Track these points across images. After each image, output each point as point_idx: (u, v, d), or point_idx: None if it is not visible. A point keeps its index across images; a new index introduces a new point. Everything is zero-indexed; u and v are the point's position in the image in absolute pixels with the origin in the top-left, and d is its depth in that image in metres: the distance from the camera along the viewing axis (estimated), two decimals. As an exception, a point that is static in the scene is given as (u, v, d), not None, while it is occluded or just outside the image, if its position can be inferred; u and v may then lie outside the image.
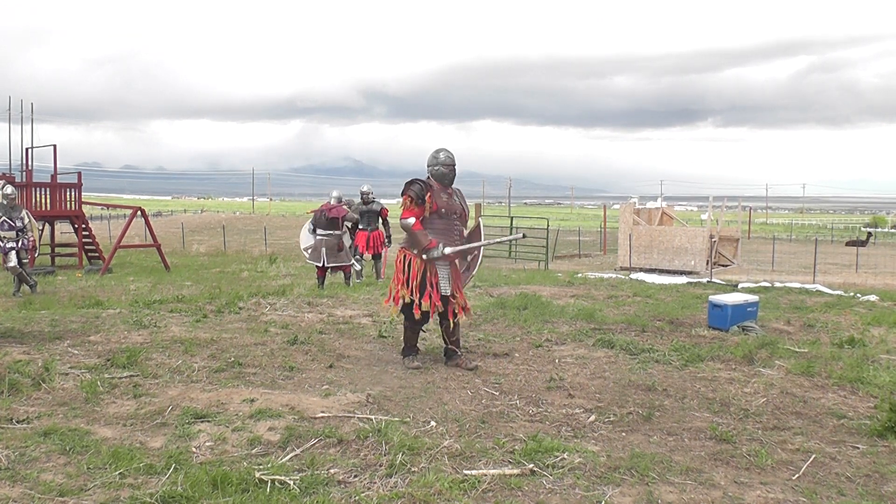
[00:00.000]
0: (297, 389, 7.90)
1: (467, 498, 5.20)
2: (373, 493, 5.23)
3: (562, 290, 17.05)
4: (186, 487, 5.13)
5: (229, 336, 10.42)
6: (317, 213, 18.00)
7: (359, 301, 14.31)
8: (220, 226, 52.12)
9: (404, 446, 6.06)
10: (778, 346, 10.60)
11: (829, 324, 13.06)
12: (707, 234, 28.77)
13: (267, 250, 36.19)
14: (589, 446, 6.32)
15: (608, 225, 47.13)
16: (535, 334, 11.22)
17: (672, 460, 6.06)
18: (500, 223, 39.63)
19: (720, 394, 8.23)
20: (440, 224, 9.16)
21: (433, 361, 9.45)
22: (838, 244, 57.49)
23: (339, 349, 9.94)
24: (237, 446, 6.10)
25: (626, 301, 15.50)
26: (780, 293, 18.04)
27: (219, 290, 16.37)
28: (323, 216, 17.73)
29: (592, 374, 9.01)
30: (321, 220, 17.73)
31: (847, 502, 5.37)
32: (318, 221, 17.78)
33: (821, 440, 6.80)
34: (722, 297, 12.75)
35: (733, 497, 5.39)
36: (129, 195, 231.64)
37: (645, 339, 11.12)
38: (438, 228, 9.13)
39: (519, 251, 32.81)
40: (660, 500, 5.30)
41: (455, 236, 9.21)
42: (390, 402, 7.54)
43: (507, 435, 6.54)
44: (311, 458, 5.81)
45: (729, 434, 6.77)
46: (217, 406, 7.10)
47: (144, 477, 5.39)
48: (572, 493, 5.35)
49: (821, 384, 8.84)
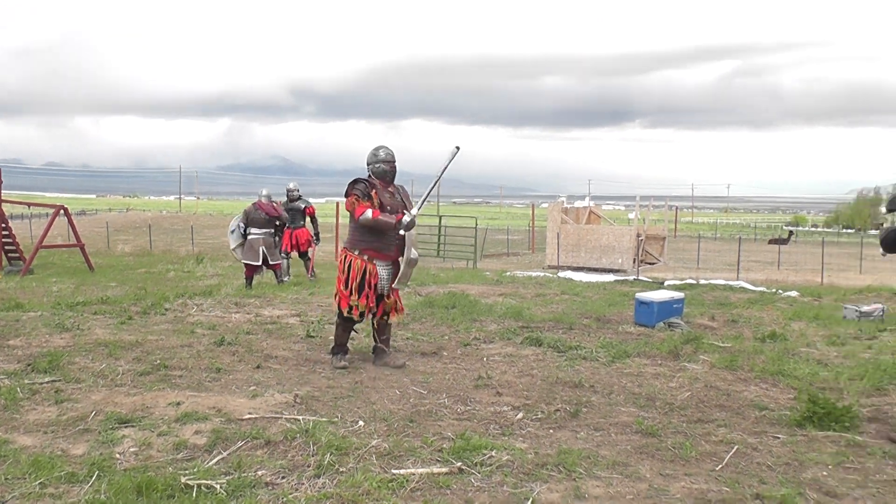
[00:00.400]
0: (224, 391, 7.81)
1: (396, 497, 5.19)
2: (301, 495, 5.19)
3: (490, 288, 17.12)
4: (110, 495, 5.03)
5: (155, 338, 10.29)
6: (249, 212, 17.83)
7: (286, 301, 14.25)
8: (146, 225, 51.43)
9: (332, 446, 6.03)
10: (702, 342, 10.75)
11: (751, 319, 13.29)
12: (634, 232, 29.03)
13: (194, 250, 35.84)
14: (517, 443, 6.35)
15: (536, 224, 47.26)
16: (464, 333, 11.25)
17: (599, 455, 6.11)
18: (428, 222, 39.61)
19: (646, 389, 8.33)
20: None
21: (361, 361, 9.42)
22: (761, 242, 58.24)
23: (267, 349, 9.87)
24: (162, 451, 6.00)
25: (554, 299, 15.60)
26: (705, 290, 18.32)
27: (144, 290, 16.16)
28: (260, 214, 17.60)
29: (520, 371, 9.05)
30: (258, 219, 17.60)
31: (768, 490, 5.46)
32: (254, 220, 17.65)
33: (743, 431, 6.91)
34: (648, 295, 12.90)
35: (658, 489, 5.46)
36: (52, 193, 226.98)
37: (572, 336, 11.20)
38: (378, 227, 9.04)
39: (447, 250, 32.84)
40: (587, 494, 5.34)
41: (394, 235, 9.12)
42: (318, 402, 7.50)
43: (436, 434, 6.55)
44: (237, 461, 5.74)
45: (654, 428, 6.85)
46: (142, 410, 6.98)
47: (66, 486, 5.26)
48: (500, 490, 5.37)
49: (743, 377, 8.99)
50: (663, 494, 5.37)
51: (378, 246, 9.09)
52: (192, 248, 37.92)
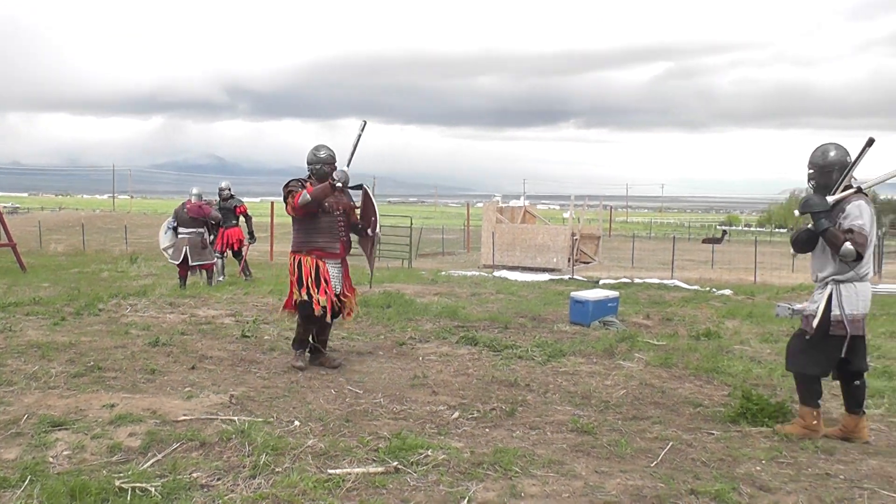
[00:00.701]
0: (159, 392, 7.72)
1: (332, 497, 5.17)
2: (236, 496, 5.15)
3: (425, 288, 17.11)
4: (43, 500, 4.95)
5: (89, 339, 10.15)
6: (178, 211, 17.64)
7: (221, 301, 14.13)
8: (79, 224, 50.63)
9: (268, 447, 5.99)
10: (637, 340, 10.85)
11: (686, 317, 13.42)
12: (569, 232, 29.17)
13: (128, 249, 35.39)
14: (453, 443, 6.35)
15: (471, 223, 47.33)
16: (399, 332, 11.24)
17: (534, 454, 6.12)
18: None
19: (581, 387, 8.37)
20: (325, 221, 8.97)
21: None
22: (695, 241, 58.79)
23: (202, 350, 9.78)
24: (96, 454, 5.92)
25: (490, 298, 15.64)
26: (640, 289, 18.47)
27: (78, 291, 15.91)
28: (186, 214, 17.42)
29: (456, 371, 9.06)
30: (185, 219, 17.42)
31: (702, 485, 5.51)
32: (182, 220, 17.46)
33: (678, 428, 6.98)
34: (583, 294, 12.97)
35: (594, 486, 5.48)
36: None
37: (508, 335, 11.23)
38: (323, 226, 8.95)
39: (382, 249, 32.76)
40: (523, 493, 5.35)
41: (341, 233, 9.05)
42: (254, 402, 7.45)
43: (372, 433, 6.53)
44: (172, 463, 5.68)
45: (590, 426, 6.89)
46: (76, 413, 6.88)
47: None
48: (436, 489, 5.37)
49: (678, 375, 9.07)
50: (599, 492, 5.40)
51: (323, 245, 8.96)
52: (125, 247, 37.45)
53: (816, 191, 6.79)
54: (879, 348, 10.62)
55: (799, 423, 6.83)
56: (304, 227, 8.96)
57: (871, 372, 9.03)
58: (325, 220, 9.00)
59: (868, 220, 6.45)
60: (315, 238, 8.96)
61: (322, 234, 8.96)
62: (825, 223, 6.53)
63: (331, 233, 8.99)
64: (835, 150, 6.78)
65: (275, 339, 10.56)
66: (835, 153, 6.75)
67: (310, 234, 8.97)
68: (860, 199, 6.54)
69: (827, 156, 6.77)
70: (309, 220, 8.95)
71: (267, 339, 10.48)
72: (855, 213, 6.46)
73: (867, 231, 6.42)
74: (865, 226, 6.42)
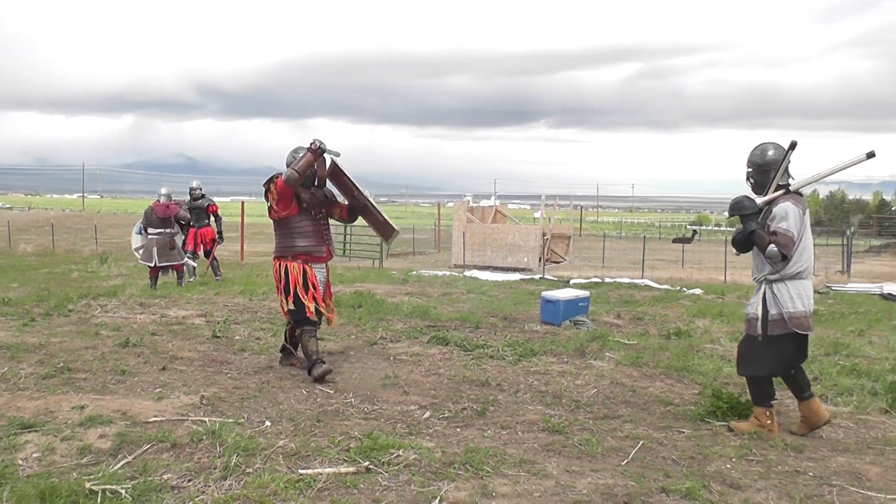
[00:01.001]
0: (129, 394, 7.67)
1: (303, 497, 5.16)
2: (207, 497, 5.13)
3: (396, 287, 17.11)
4: (12, 503, 4.93)
5: (58, 340, 10.07)
6: (148, 212, 17.56)
7: (192, 301, 14.07)
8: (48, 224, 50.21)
9: (239, 447, 5.96)
10: (608, 339, 10.89)
11: (656, 316, 13.48)
12: (540, 231, 29.20)
13: (98, 249, 35.16)
14: (424, 442, 6.35)
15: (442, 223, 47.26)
16: (370, 332, 11.23)
17: (506, 453, 6.14)
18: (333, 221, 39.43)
19: (552, 387, 8.40)
20: (307, 223, 8.79)
21: (268, 361, 9.33)
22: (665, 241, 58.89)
23: (173, 351, 9.73)
24: (66, 456, 5.87)
25: (461, 298, 15.64)
26: (611, 288, 18.51)
27: (47, 291, 15.81)
28: (154, 215, 17.34)
29: (427, 371, 9.06)
30: (153, 219, 17.34)
31: (673, 484, 5.54)
32: (151, 221, 17.38)
33: (649, 426, 7.02)
34: (554, 293, 12.99)
35: (565, 485, 5.50)
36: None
37: (479, 335, 11.23)
38: (306, 228, 8.77)
39: (353, 249, 32.70)
40: (494, 492, 5.35)
41: (323, 234, 8.91)
42: (224, 403, 7.42)
43: (343, 433, 6.52)
44: (143, 465, 5.64)
45: (561, 425, 6.91)
46: (45, 414, 6.82)
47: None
48: (408, 489, 5.37)
49: (649, 374, 9.12)
50: (570, 491, 5.42)
51: (308, 248, 8.76)
52: (95, 247, 37.17)
53: (755, 189, 6.98)
54: (848, 346, 10.71)
55: (754, 423, 6.91)
56: (288, 230, 8.77)
57: (841, 370, 9.14)
58: (307, 222, 8.79)
59: (794, 222, 6.59)
60: (298, 242, 8.74)
61: (306, 238, 8.76)
62: (752, 225, 6.75)
63: (315, 235, 8.82)
64: (773, 149, 6.93)
65: (245, 339, 10.54)
66: (773, 152, 6.91)
67: (293, 238, 8.75)
68: (788, 201, 6.69)
69: (765, 155, 6.93)
70: (291, 224, 8.74)
71: (238, 340, 10.44)
72: (781, 214, 6.63)
73: (792, 233, 6.57)
74: (791, 228, 6.57)
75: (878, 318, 14.15)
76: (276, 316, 12.27)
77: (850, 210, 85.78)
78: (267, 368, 8.97)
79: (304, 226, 8.77)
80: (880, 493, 5.63)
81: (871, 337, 11.90)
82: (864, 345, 11.04)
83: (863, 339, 11.67)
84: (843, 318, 13.98)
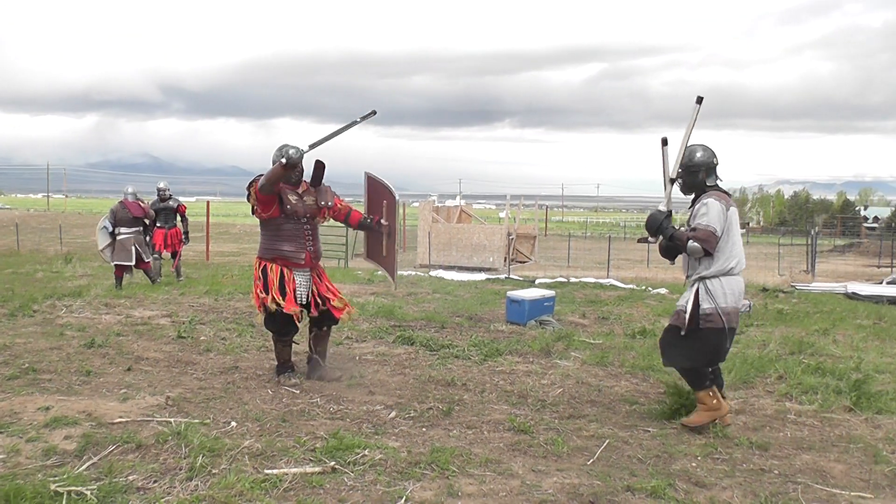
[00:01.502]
0: (95, 395, 7.61)
1: (269, 497, 5.15)
2: (173, 498, 5.11)
3: (362, 287, 17.08)
4: (-24, 504, 4.89)
5: (23, 341, 9.97)
6: (117, 211, 17.39)
7: (157, 301, 13.98)
8: (12, 224, 49.72)
9: (205, 448, 5.93)
10: (574, 339, 10.93)
11: (622, 316, 13.56)
12: (505, 231, 29.23)
13: (62, 250, 34.88)
14: (390, 442, 6.35)
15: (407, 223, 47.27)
16: (335, 332, 11.18)
17: (471, 453, 6.14)
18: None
19: (518, 386, 8.41)
20: (289, 228, 8.46)
21: (234, 362, 9.29)
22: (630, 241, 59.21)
23: (138, 351, 9.66)
24: (31, 458, 5.81)
25: (426, 298, 15.64)
26: (576, 288, 18.57)
27: (12, 292, 15.64)
28: (128, 213, 17.20)
29: (393, 370, 9.06)
30: (126, 218, 17.19)
31: (638, 482, 5.57)
32: (123, 219, 17.22)
33: (614, 426, 7.05)
34: (519, 293, 13.02)
35: (531, 485, 5.51)
36: None
37: (444, 335, 11.24)
38: (287, 233, 8.46)
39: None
40: (460, 492, 5.36)
41: (307, 242, 8.57)
42: (190, 403, 7.38)
43: (308, 433, 6.51)
44: (108, 466, 5.59)
45: (527, 425, 6.93)
46: (10, 416, 6.74)
47: (-71, 496, 5.08)
48: (374, 489, 5.36)
49: (614, 373, 9.17)
50: (536, 490, 5.43)
51: (287, 253, 8.46)
52: (60, 247, 36.84)
53: (684, 190, 7.15)
54: (813, 345, 10.80)
55: (702, 409, 6.96)
56: (270, 233, 8.54)
57: (805, 369, 9.21)
58: (289, 226, 8.49)
59: (715, 217, 6.73)
60: (279, 245, 8.48)
61: (286, 242, 8.48)
62: (669, 230, 6.93)
63: (296, 241, 8.49)
64: (701, 151, 7.09)
65: (211, 339, 10.48)
66: (701, 154, 7.07)
67: (274, 241, 8.50)
68: (710, 198, 6.85)
69: (693, 156, 7.07)
70: (274, 226, 8.49)
71: (203, 340, 10.39)
72: (702, 211, 6.80)
73: (713, 227, 6.70)
74: (711, 223, 6.70)
75: (842, 317, 14.30)
76: (242, 316, 12.24)
77: (814, 210, 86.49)
78: (232, 369, 8.93)
79: (286, 229, 8.49)
80: (844, 490, 5.68)
81: (836, 336, 12.02)
82: (828, 343, 11.14)
83: (827, 337, 11.78)
84: (808, 317, 14.09)
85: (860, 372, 9.14)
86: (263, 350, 9.72)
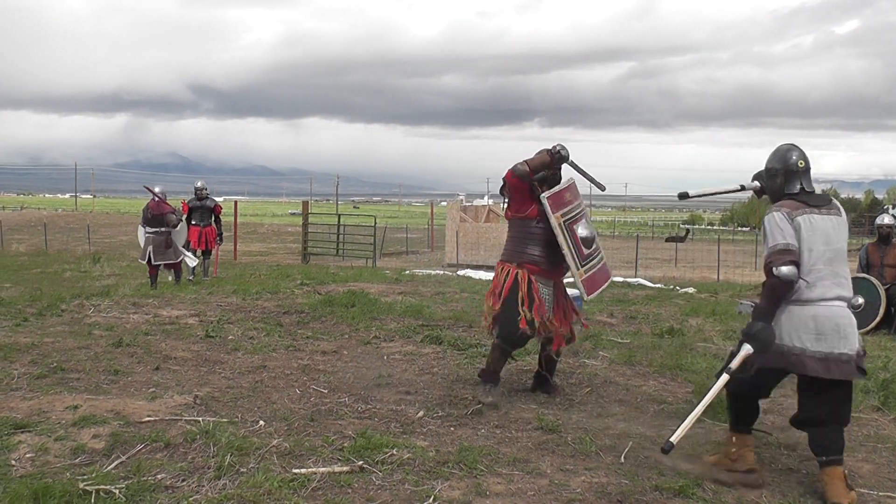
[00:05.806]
0: (123, 394, 7.64)
1: (297, 497, 5.16)
2: (201, 497, 5.13)
3: (389, 287, 17.07)
4: (5, 503, 4.93)
5: (51, 340, 10.01)
6: (144, 211, 17.54)
7: (185, 301, 14.01)
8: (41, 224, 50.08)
9: (233, 447, 5.96)
10: (602, 338, 10.88)
11: (650, 315, 13.49)
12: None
13: (91, 249, 35.11)
14: (418, 442, 6.36)
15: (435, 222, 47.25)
16: (364, 331, 11.20)
17: (499, 452, 6.14)
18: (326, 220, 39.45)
19: (546, 385, 8.38)
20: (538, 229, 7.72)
21: (262, 360, 9.31)
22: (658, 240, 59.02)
23: (166, 350, 9.68)
24: (60, 456, 5.85)
25: (454, 297, 15.61)
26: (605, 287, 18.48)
27: (40, 291, 15.76)
28: (149, 213, 17.32)
29: (421, 370, 9.06)
30: (148, 217, 17.32)
31: (666, 482, 5.55)
32: (146, 219, 17.37)
33: (642, 425, 7.02)
34: (547, 292, 12.98)
35: (559, 484, 5.51)
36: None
37: (472, 334, 11.21)
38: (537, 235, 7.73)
39: (346, 249, 32.67)
40: (488, 491, 5.36)
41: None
42: (218, 402, 7.40)
43: (337, 432, 6.51)
44: (137, 465, 5.62)
45: (555, 424, 6.91)
46: (38, 415, 6.78)
47: (-41, 494, 5.12)
48: (402, 488, 5.37)
49: (642, 372, 9.13)
50: (564, 489, 5.43)
51: (537, 259, 7.73)
52: (88, 247, 37.11)
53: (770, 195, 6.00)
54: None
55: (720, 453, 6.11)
56: (520, 234, 7.84)
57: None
58: (539, 228, 7.73)
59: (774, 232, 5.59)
60: (531, 249, 7.74)
61: (541, 247, 7.73)
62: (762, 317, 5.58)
63: (552, 247, 7.69)
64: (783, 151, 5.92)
65: (239, 338, 10.50)
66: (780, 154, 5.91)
67: (525, 243, 7.77)
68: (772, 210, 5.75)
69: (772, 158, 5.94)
70: (525, 227, 7.78)
71: (231, 340, 10.41)
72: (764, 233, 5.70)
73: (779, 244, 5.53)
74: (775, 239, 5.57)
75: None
76: (270, 316, 12.26)
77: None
78: (260, 368, 8.95)
79: (534, 232, 7.76)
80: (873, 490, 5.66)
81: (864, 336, 11.92)
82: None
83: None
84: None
85: (888, 371, 9.09)
86: (291, 349, 9.75)
